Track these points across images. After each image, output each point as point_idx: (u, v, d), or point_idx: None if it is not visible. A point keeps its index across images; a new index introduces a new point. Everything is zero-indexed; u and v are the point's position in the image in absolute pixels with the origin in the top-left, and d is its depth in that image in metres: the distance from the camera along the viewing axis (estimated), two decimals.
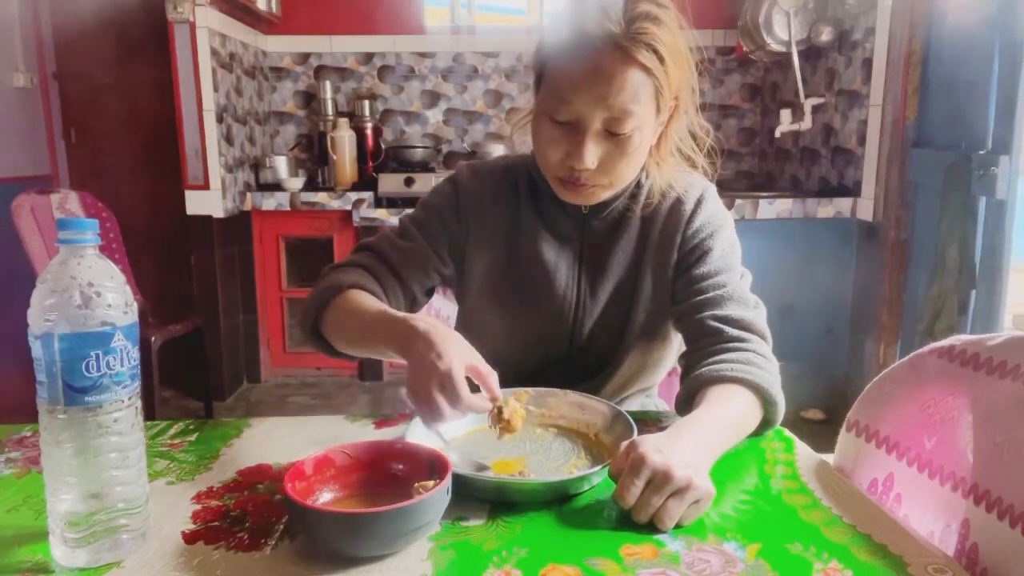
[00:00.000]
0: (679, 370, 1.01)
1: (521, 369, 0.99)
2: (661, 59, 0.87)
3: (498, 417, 0.81)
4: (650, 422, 0.96)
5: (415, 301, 1.04)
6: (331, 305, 0.94)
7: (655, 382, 1.14)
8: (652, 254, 1.03)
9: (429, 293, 1.07)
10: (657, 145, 0.99)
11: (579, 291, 1.04)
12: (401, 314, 0.84)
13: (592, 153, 0.89)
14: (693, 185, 1.04)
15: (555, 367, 1.05)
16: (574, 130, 0.90)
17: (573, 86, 0.87)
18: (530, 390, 0.91)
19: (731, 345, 0.93)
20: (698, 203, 1.03)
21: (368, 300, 0.93)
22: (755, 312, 0.98)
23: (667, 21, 0.88)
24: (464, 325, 1.12)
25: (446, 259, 1.05)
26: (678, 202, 1.03)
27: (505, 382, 0.83)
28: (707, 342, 0.95)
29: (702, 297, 0.98)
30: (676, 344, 1.12)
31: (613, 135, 0.90)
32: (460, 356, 0.76)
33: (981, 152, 2.16)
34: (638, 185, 1.03)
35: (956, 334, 0.78)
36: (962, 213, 2.18)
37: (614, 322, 1.05)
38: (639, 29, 0.85)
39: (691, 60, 0.93)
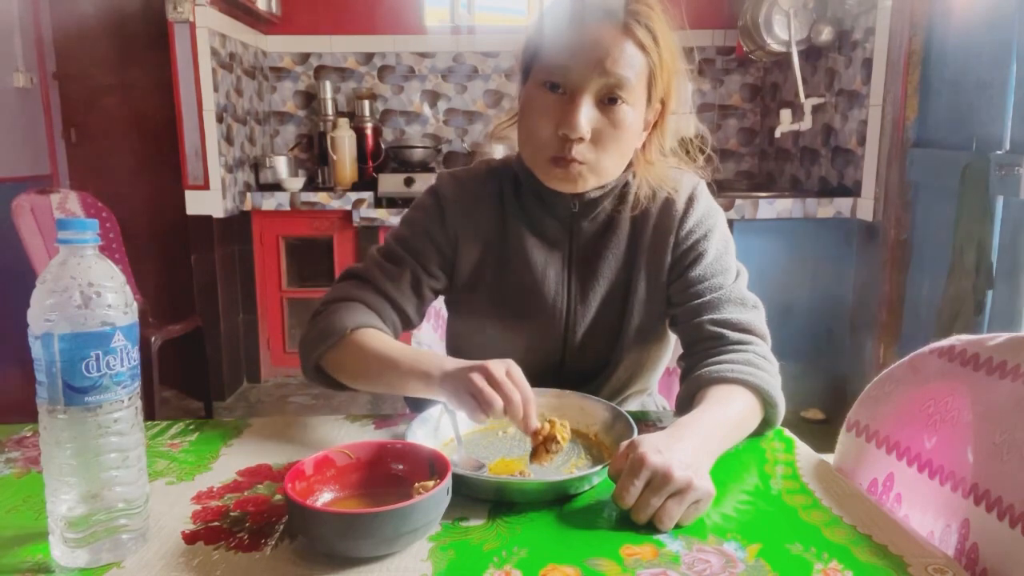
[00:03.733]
0: (678, 370, 1.00)
1: None
2: (656, 41, 0.91)
3: (543, 436, 0.78)
4: (650, 422, 0.96)
5: (411, 324, 1.03)
6: (337, 347, 0.93)
7: (652, 383, 1.13)
8: (645, 256, 1.02)
9: (423, 313, 1.05)
10: (643, 148, 0.99)
11: (570, 296, 1.03)
12: (422, 351, 0.89)
13: (585, 119, 0.89)
14: (683, 183, 1.02)
15: (550, 372, 1.04)
16: (568, 99, 0.90)
17: (571, 53, 0.90)
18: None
19: (731, 347, 0.93)
20: (689, 202, 1.01)
21: (377, 340, 0.92)
22: (753, 313, 0.98)
23: (661, 16, 0.92)
24: (455, 331, 1.10)
25: (437, 275, 1.03)
26: (668, 201, 1.01)
27: None
28: (707, 345, 0.94)
29: (699, 301, 0.97)
30: (672, 343, 1.11)
31: (606, 107, 0.90)
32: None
33: (999, 152, 2.13)
34: (626, 185, 1.02)
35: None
36: (980, 214, 2.14)
37: (608, 326, 1.03)
38: (637, 9, 0.91)
39: (682, 66, 0.96)
